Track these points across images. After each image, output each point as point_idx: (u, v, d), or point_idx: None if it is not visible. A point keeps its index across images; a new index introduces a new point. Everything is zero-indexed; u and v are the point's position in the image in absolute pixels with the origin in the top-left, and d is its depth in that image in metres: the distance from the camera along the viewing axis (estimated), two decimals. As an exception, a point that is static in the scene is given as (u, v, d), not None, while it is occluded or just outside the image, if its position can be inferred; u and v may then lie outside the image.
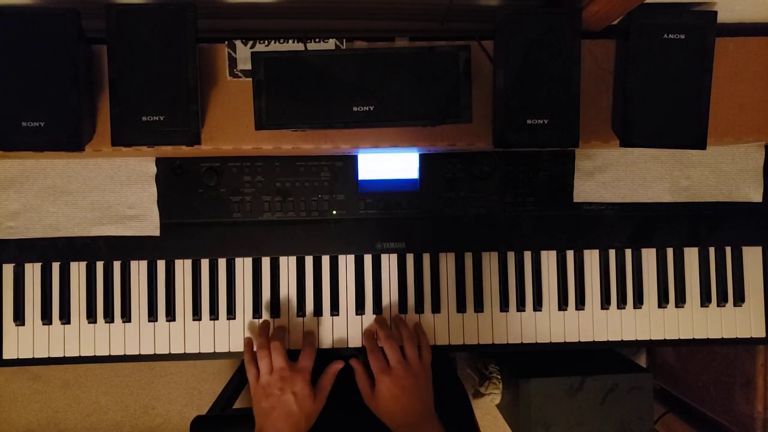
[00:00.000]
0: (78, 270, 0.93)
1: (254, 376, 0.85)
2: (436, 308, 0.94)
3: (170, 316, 0.93)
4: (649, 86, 0.74)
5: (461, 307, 0.95)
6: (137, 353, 0.93)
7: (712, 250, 0.97)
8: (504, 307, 0.95)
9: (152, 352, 0.93)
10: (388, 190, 0.93)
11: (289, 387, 0.82)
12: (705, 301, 0.96)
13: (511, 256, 0.95)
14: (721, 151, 0.94)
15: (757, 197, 0.95)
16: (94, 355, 0.93)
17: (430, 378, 0.87)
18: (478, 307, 0.95)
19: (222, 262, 0.94)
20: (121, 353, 0.93)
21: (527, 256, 0.96)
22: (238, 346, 0.93)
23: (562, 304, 0.95)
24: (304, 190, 0.92)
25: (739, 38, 0.81)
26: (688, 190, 0.94)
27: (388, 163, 0.93)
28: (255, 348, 0.87)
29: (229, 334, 0.93)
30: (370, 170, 0.93)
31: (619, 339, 0.96)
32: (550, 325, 0.95)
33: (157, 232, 0.91)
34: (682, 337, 0.96)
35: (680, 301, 0.96)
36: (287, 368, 0.83)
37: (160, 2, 0.72)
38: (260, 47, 0.78)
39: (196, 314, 0.93)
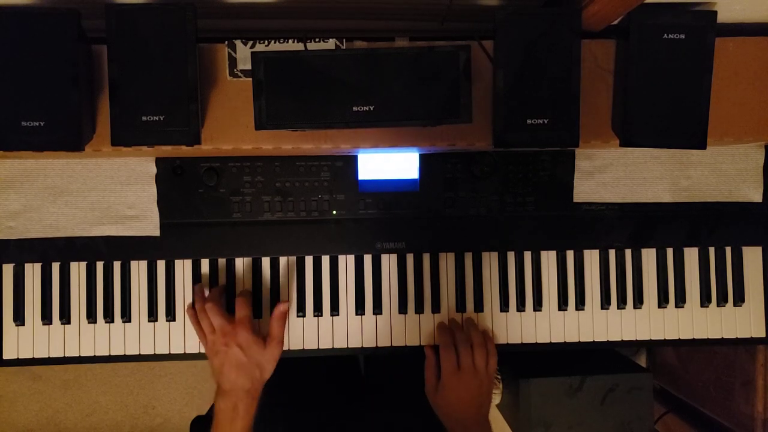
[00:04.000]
0: (78, 270, 0.93)
1: (204, 340, 0.87)
2: (435, 308, 0.94)
3: (170, 316, 0.93)
4: (649, 86, 0.74)
5: (461, 307, 0.95)
6: (137, 353, 0.93)
7: (712, 250, 0.97)
8: (504, 307, 0.95)
9: (152, 352, 0.93)
10: (388, 190, 0.93)
11: (233, 340, 0.83)
12: (705, 301, 0.96)
13: (511, 256, 0.95)
14: (721, 151, 0.94)
15: (757, 197, 0.95)
16: (94, 355, 0.93)
17: (492, 384, 0.89)
18: (478, 307, 0.95)
19: (222, 262, 0.94)
20: (121, 353, 0.93)
21: (527, 256, 0.96)
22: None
23: (562, 304, 0.95)
24: (304, 190, 0.92)
25: (739, 38, 0.81)
26: (688, 190, 0.94)
27: (388, 163, 0.93)
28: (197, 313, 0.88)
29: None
30: (370, 170, 0.93)
31: (619, 339, 0.96)
32: (550, 325, 0.95)
33: (157, 232, 0.91)
34: (682, 337, 0.96)
35: (680, 301, 0.96)
36: (226, 323, 0.84)
37: (160, 2, 0.72)
38: (260, 47, 0.78)
39: (196, 314, 0.93)
